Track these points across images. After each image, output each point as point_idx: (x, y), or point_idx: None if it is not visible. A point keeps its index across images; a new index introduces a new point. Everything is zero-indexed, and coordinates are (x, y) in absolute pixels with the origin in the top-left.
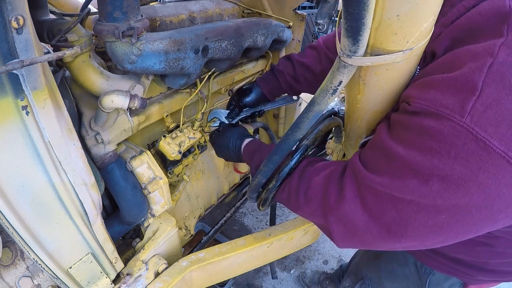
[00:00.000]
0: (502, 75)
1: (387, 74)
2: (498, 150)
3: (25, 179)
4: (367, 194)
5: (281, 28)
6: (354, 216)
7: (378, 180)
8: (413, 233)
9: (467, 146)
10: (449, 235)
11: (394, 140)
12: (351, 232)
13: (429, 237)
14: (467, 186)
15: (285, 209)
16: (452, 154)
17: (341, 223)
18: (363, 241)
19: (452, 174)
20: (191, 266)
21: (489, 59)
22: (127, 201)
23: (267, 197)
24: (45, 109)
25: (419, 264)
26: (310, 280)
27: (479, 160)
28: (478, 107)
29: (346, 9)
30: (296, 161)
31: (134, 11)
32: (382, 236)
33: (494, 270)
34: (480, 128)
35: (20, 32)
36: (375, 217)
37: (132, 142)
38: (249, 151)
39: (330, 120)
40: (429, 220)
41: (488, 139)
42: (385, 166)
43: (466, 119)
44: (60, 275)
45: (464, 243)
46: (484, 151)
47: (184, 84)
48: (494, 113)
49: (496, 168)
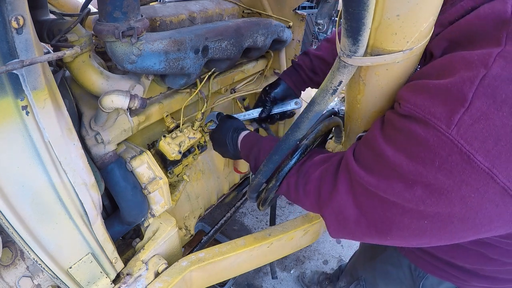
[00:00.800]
0: (494, 90)
1: (387, 74)
2: (482, 166)
3: (25, 179)
4: (359, 189)
5: (281, 28)
6: (345, 209)
7: (367, 178)
8: (397, 233)
9: (451, 158)
10: (432, 239)
11: (385, 140)
12: (343, 225)
13: (413, 239)
14: (450, 196)
15: (285, 209)
16: (436, 164)
17: (333, 215)
18: (353, 234)
19: (435, 183)
20: (191, 266)
21: (482, 71)
22: (127, 201)
23: (267, 197)
24: (45, 109)
25: (413, 267)
26: (310, 280)
27: (462, 173)
28: (466, 119)
29: (346, 9)
30: (296, 161)
31: (134, 11)
32: (370, 231)
33: (489, 277)
34: (465, 142)
35: (20, 32)
36: (365, 212)
37: (132, 142)
38: (246, 145)
39: (330, 120)
40: (413, 224)
41: (472, 153)
42: (374, 164)
43: (453, 130)
44: (60, 275)
45: (458, 249)
46: (468, 164)
47: (184, 84)
48: (481, 127)
49: (479, 183)
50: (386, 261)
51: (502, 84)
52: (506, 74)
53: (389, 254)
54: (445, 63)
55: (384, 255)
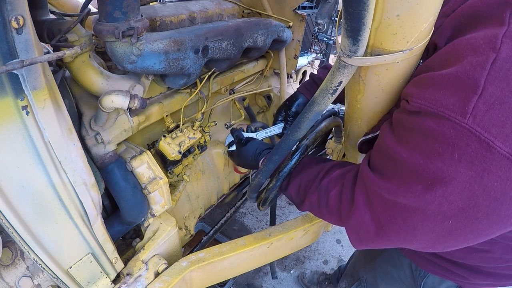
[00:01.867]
0: (506, 72)
1: (387, 74)
2: (503, 151)
3: (25, 179)
4: (375, 201)
5: (281, 28)
6: (364, 224)
7: (385, 186)
8: (421, 238)
9: (470, 148)
10: (459, 239)
11: (398, 142)
12: (365, 239)
13: (439, 242)
14: (472, 189)
15: (285, 209)
16: (456, 157)
17: (354, 231)
18: (376, 244)
19: (457, 177)
20: (191, 266)
21: (492, 54)
22: (127, 201)
23: (267, 197)
24: (45, 109)
25: (414, 267)
26: (309, 280)
27: (483, 161)
28: (481, 106)
29: (346, 9)
30: (296, 161)
31: (134, 11)
32: (393, 242)
33: (490, 273)
34: (483, 129)
35: (20, 32)
36: (384, 225)
37: (132, 142)
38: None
39: (330, 120)
40: (437, 227)
41: (491, 140)
42: (390, 170)
43: (468, 120)
44: (60, 275)
45: (460, 250)
46: (488, 152)
47: (184, 84)
48: (497, 113)
49: (501, 170)
50: (386, 261)
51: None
52: None
53: (389, 254)
54: (450, 50)
55: (384, 256)
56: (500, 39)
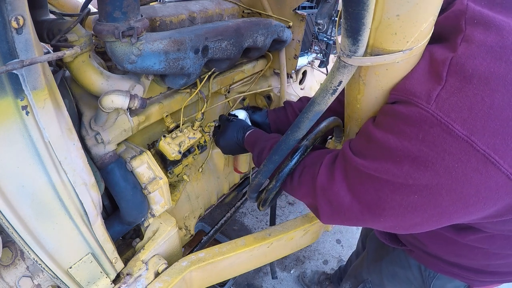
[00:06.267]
0: (462, 66)
1: (387, 74)
2: (461, 134)
3: (25, 179)
4: (352, 175)
5: (281, 28)
6: (340, 196)
7: (360, 161)
8: (390, 212)
9: (432, 130)
10: (424, 216)
11: (375, 126)
12: (337, 211)
13: (406, 217)
14: (435, 168)
15: (285, 209)
16: (420, 137)
17: (328, 203)
18: (346, 219)
19: (420, 156)
20: (191, 266)
21: (451, 54)
22: (127, 201)
23: (267, 197)
24: (45, 109)
25: (423, 268)
26: (310, 280)
27: (444, 143)
28: (443, 95)
29: (346, 9)
30: (296, 161)
31: (134, 11)
32: (363, 214)
33: (494, 272)
34: (443, 114)
35: (20, 32)
36: (357, 196)
37: (132, 142)
38: (251, 140)
39: (330, 120)
40: (403, 200)
41: (451, 123)
42: (366, 149)
43: (432, 105)
44: (60, 275)
45: (460, 248)
46: (448, 134)
47: (184, 84)
48: (456, 99)
49: (460, 152)
50: (393, 262)
51: (468, 60)
52: (469, 52)
53: (396, 255)
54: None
55: (391, 257)
56: (458, 43)
